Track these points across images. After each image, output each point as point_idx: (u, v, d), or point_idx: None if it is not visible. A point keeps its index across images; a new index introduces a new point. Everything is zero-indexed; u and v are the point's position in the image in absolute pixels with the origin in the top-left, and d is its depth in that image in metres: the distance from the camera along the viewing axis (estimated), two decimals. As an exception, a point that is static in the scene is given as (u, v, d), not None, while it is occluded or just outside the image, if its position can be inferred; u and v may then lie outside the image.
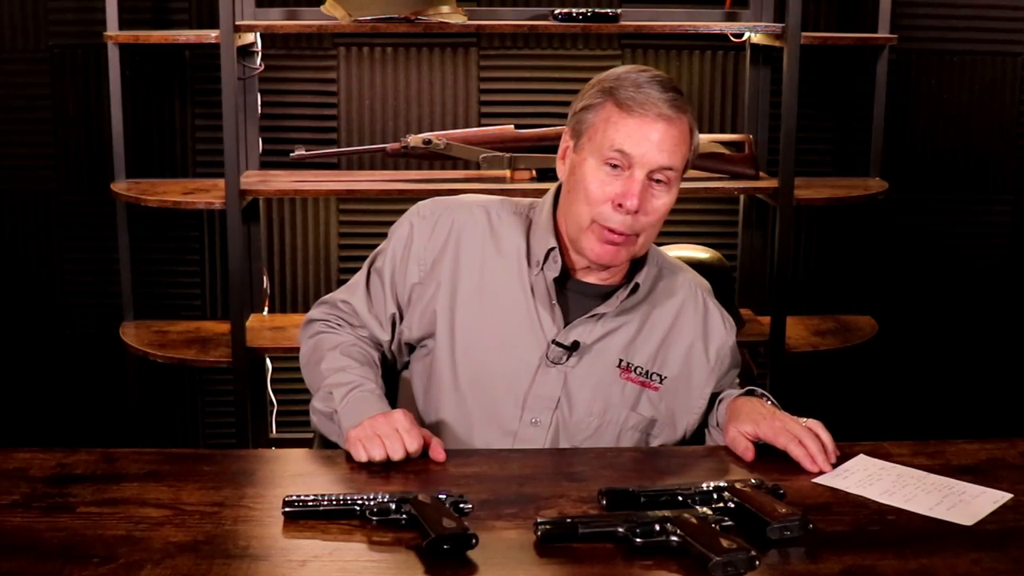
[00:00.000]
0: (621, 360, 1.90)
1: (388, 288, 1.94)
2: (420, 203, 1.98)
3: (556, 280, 1.88)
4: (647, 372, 1.91)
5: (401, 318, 1.95)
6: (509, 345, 1.88)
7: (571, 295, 1.90)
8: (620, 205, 1.79)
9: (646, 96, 1.79)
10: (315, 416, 1.90)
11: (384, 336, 1.96)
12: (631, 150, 1.78)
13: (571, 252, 1.89)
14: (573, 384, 1.88)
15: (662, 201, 1.82)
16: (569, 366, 1.87)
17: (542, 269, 1.88)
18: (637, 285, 1.88)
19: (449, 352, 1.89)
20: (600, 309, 1.88)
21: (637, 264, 1.91)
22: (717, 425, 1.91)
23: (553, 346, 1.87)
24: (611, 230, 1.80)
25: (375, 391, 1.85)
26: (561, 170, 1.90)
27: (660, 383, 1.91)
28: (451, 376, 1.89)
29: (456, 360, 1.89)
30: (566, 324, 1.88)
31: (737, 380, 2.05)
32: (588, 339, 1.88)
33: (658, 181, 1.81)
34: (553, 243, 1.87)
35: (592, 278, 1.90)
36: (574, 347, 1.87)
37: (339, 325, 1.98)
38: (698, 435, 1.97)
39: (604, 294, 1.90)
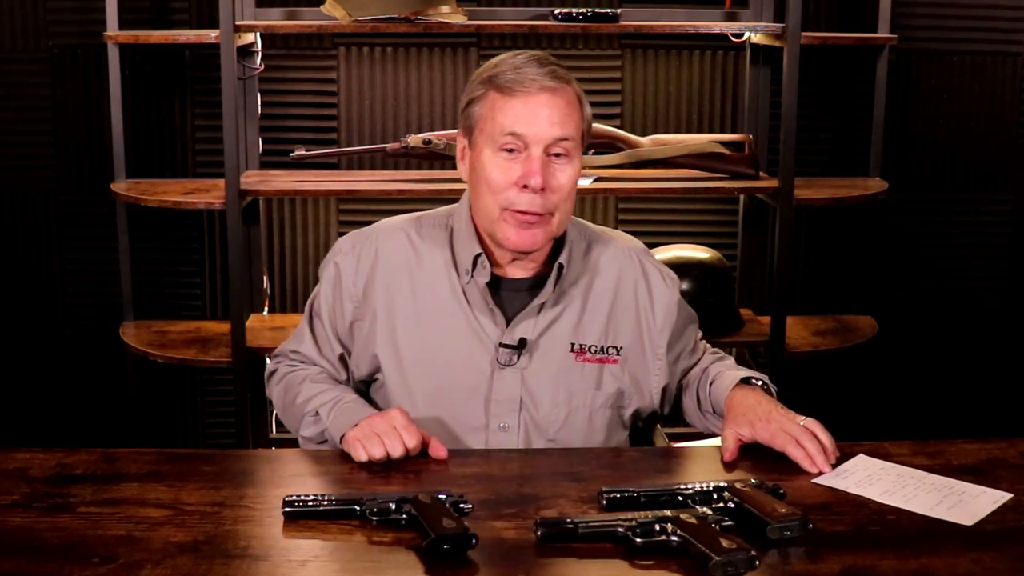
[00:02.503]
0: (573, 344, 1.89)
1: (330, 330, 1.95)
2: (340, 239, 1.98)
3: (488, 283, 1.86)
4: (602, 348, 1.90)
5: (349, 355, 1.96)
6: (458, 359, 1.87)
7: (506, 295, 1.89)
8: (525, 186, 1.78)
9: (524, 75, 1.80)
10: (305, 445, 1.91)
11: (340, 376, 1.97)
12: (522, 130, 1.78)
13: (495, 251, 1.88)
14: (531, 381, 1.87)
15: (566, 174, 1.81)
16: (522, 365, 1.86)
17: (472, 276, 1.86)
18: (561, 266, 1.87)
19: (401, 379, 1.89)
20: (536, 301, 1.87)
21: (559, 247, 1.90)
22: (713, 411, 1.91)
23: (501, 349, 1.86)
24: (522, 212, 1.80)
25: (358, 400, 1.87)
26: (463, 171, 1.91)
27: (618, 354, 1.91)
28: (409, 402, 1.87)
29: (410, 385, 1.88)
30: (508, 324, 1.87)
31: (700, 336, 2.04)
32: (533, 334, 1.87)
33: (557, 155, 1.81)
34: (478, 248, 1.86)
35: (521, 272, 1.89)
36: (521, 345, 1.86)
37: (301, 362, 1.99)
38: (673, 405, 1.99)
39: (537, 285, 1.89)
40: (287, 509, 1.51)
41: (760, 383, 1.87)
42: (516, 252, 1.85)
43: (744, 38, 3.22)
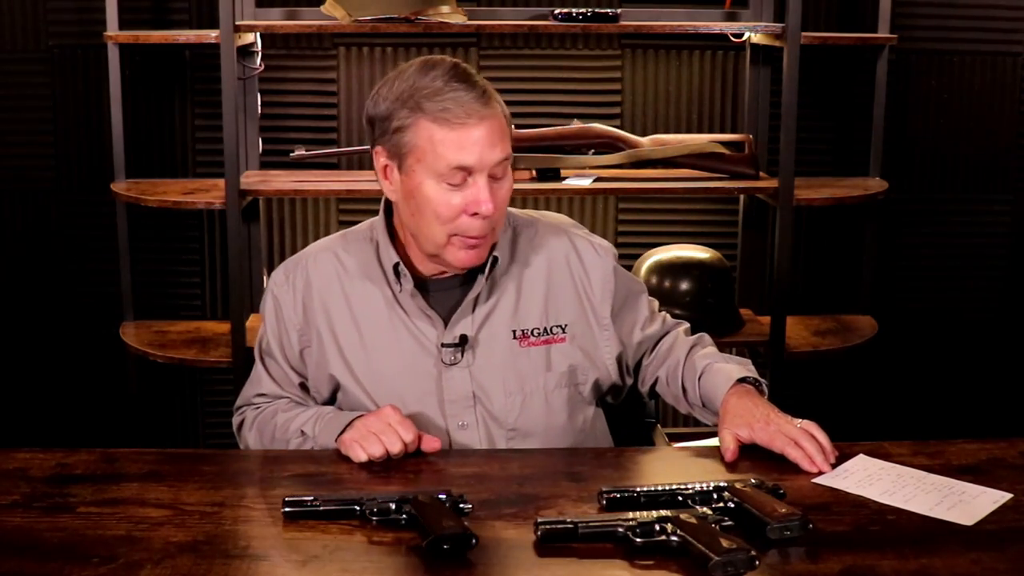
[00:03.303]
0: (514, 331, 1.89)
1: (284, 364, 1.95)
2: (273, 273, 1.98)
3: (417, 287, 1.87)
4: (545, 329, 1.90)
5: (308, 381, 1.96)
6: (405, 366, 1.87)
7: (437, 295, 1.89)
8: (475, 213, 1.77)
9: (455, 101, 1.75)
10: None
11: (307, 404, 1.96)
12: (470, 162, 1.75)
13: (416, 260, 1.87)
14: (480, 376, 1.87)
15: (504, 189, 1.81)
16: (468, 362, 1.87)
17: (400, 284, 1.87)
18: (496, 259, 1.87)
19: (362, 394, 1.89)
20: (470, 296, 1.87)
21: None
22: (703, 405, 1.91)
23: (443, 349, 1.86)
24: (472, 237, 1.79)
25: (337, 410, 1.88)
26: (388, 189, 1.85)
27: (564, 332, 1.91)
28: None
29: (372, 398, 1.88)
30: (445, 323, 1.88)
31: (657, 306, 2.04)
32: (473, 329, 1.87)
33: (495, 174, 1.80)
34: (395, 257, 1.86)
35: (448, 271, 1.89)
36: (463, 341, 1.86)
37: (266, 403, 1.99)
38: (648, 384, 2.00)
39: (467, 280, 1.89)
40: (287, 509, 1.51)
41: (751, 379, 1.87)
42: (462, 270, 1.85)
43: (744, 38, 3.22)
